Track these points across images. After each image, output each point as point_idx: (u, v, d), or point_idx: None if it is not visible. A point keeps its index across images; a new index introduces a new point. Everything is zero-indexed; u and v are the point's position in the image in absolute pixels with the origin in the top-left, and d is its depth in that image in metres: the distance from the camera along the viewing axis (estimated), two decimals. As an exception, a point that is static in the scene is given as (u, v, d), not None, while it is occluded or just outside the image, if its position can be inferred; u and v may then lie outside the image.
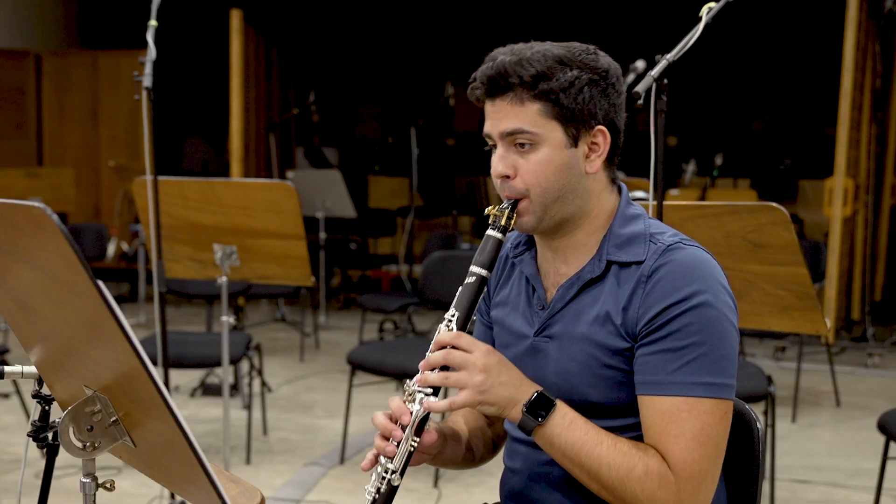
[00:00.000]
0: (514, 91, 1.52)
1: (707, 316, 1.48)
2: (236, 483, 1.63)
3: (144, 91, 3.06)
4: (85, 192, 8.43)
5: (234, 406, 4.82)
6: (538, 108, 1.52)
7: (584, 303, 1.58)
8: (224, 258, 3.55)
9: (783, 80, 9.23)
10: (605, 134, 1.57)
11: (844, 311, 6.52)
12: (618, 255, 1.57)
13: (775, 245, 2.51)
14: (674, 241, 1.55)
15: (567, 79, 1.51)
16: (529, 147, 1.54)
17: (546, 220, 1.57)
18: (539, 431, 1.51)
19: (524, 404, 1.50)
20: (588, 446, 1.49)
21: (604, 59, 1.57)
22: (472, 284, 1.57)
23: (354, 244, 8.71)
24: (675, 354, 1.48)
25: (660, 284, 1.50)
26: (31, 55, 8.65)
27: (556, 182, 1.55)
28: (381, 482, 1.53)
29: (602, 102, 1.55)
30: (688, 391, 1.47)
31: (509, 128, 1.54)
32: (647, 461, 1.47)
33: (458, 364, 1.50)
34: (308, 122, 8.73)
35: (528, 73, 1.50)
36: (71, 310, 1.25)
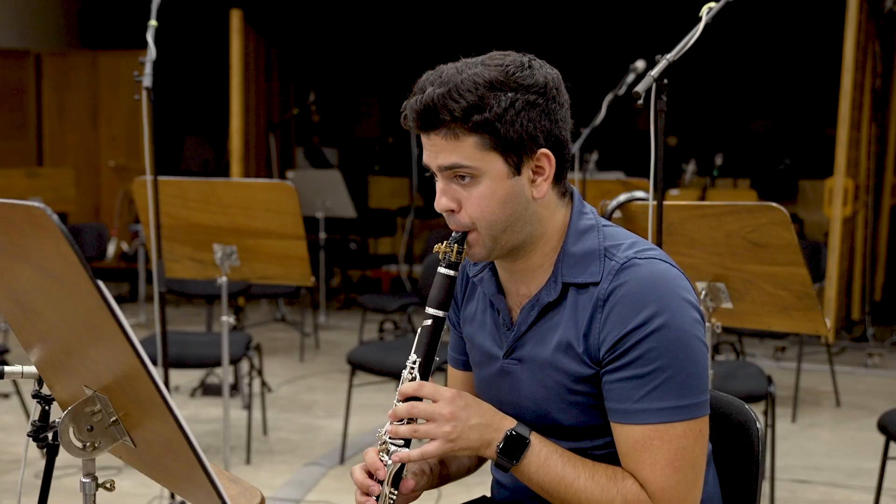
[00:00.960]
0: (446, 126, 1.44)
1: (668, 338, 1.43)
2: (236, 483, 1.62)
3: (144, 91, 3.06)
4: (85, 192, 8.42)
5: (234, 406, 4.82)
6: (474, 141, 1.44)
7: (546, 326, 1.55)
8: (224, 258, 3.55)
9: (783, 80, 9.23)
10: (549, 156, 1.49)
11: (844, 311, 6.52)
12: (573, 276, 1.52)
13: (775, 245, 2.51)
14: (628, 255, 1.48)
15: (502, 105, 1.42)
16: (471, 180, 1.47)
17: (497, 249, 1.53)
18: (516, 470, 1.50)
19: (497, 445, 1.49)
20: (566, 481, 1.48)
21: (539, 73, 1.47)
22: (429, 327, 1.54)
23: (354, 244, 8.71)
24: (639, 381, 1.44)
25: (616, 309, 1.45)
26: (31, 55, 8.65)
27: (501, 213, 1.48)
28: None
29: (542, 122, 1.46)
30: (657, 417, 1.44)
31: (446, 163, 1.46)
32: (625, 492, 1.46)
33: (425, 416, 1.48)
34: (308, 122, 8.73)
35: (459, 105, 1.42)
36: (71, 310, 1.25)
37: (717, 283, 2.63)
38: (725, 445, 1.73)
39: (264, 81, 8.20)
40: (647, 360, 1.43)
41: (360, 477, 1.52)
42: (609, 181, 5.59)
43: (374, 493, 1.50)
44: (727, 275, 2.61)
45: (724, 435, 1.74)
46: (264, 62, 8.17)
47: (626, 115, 5.00)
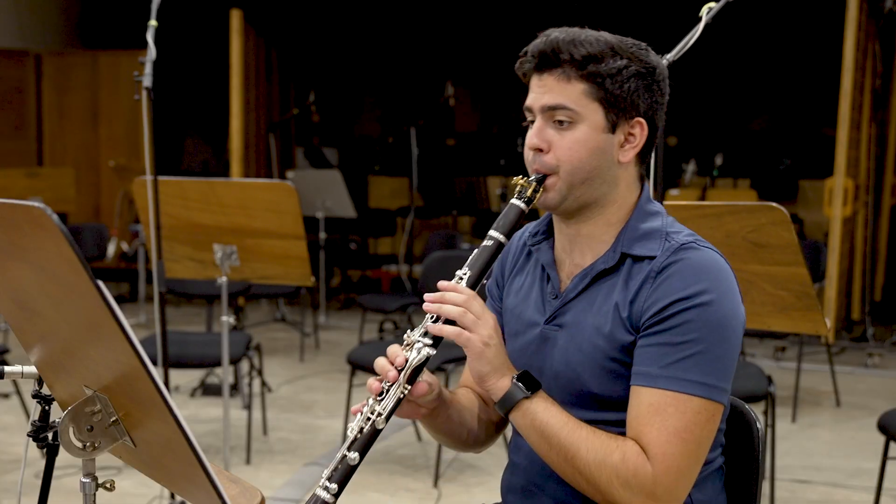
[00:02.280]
0: (562, 67, 1.54)
1: (710, 316, 1.48)
2: (236, 483, 1.62)
3: (144, 91, 3.06)
4: (85, 192, 8.43)
5: (234, 406, 4.82)
6: (583, 88, 1.54)
7: (596, 294, 1.59)
8: (224, 258, 3.56)
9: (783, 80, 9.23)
10: (644, 127, 1.58)
11: (844, 311, 6.52)
12: (632, 248, 1.57)
13: (775, 245, 2.51)
14: (689, 240, 1.56)
15: (616, 66, 1.53)
16: (568, 125, 1.55)
17: (570, 199, 1.58)
18: (522, 405, 1.52)
19: (514, 377, 1.53)
20: (568, 428, 1.50)
21: (654, 57, 1.59)
22: (489, 248, 1.58)
23: (354, 244, 8.71)
24: (672, 348, 1.48)
25: (669, 280, 1.51)
26: (31, 55, 8.65)
27: (587, 163, 1.56)
28: (365, 422, 1.52)
29: (645, 96, 1.57)
30: (678, 386, 1.47)
31: (552, 102, 1.55)
32: (624, 450, 1.47)
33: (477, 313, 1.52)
34: (308, 122, 8.73)
35: (579, 52, 1.53)
36: (71, 310, 1.25)
37: (717, 283, 2.62)
38: (726, 445, 1.73)
39: (264, 81, 8.20)
40: (684, 330, 1.48)
41: (382, 362, 1.55)
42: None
43: (389, 380, 1.52)
44: (727, 275, 2.60)
45: (725, 435, 1.74)
46: (264, 62, 8.17)
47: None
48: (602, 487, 1.48)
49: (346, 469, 1.50)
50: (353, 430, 1.52)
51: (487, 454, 4.12)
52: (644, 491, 1.46)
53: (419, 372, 1.54)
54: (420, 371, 1.54)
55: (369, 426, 1.51)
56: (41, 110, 8.78)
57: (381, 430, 1.52)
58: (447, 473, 3.95)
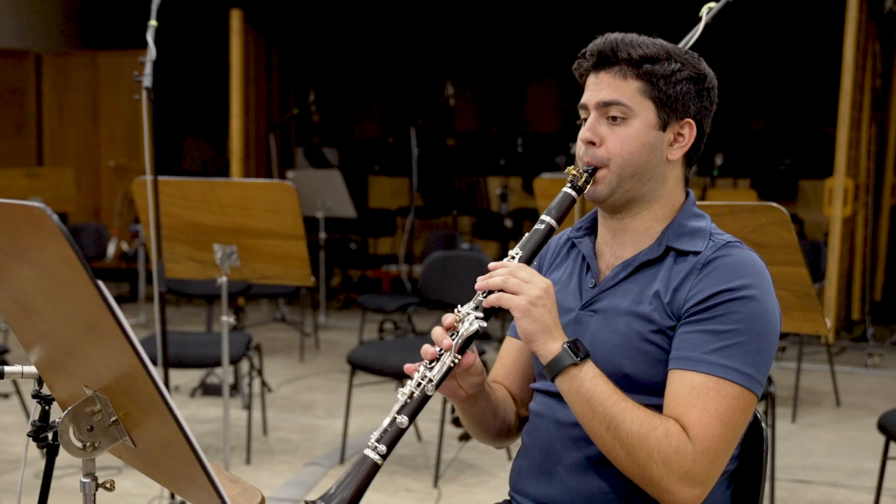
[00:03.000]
0: (619, 66, 1.61)
1: (754, 309, 1.53)
2: (236, 483, 1.62)
3: (144, 91, 3.06)
4: (85, 192, 8.43)
5: (234, 406, 4.82)
6: (638, 86, 1.61)
7: (636, 282, 1.64)
8: (224, 258, 3.56)
9: (783, 80, 9.23)
10: (693, 128, 1.65)
11: (844, 311, 6.52)
12: (677, 242, 1.63)
13: (775, 245, 2.51)
14: (734, 240, 1.63)
15: (670, 68, 1.61)
16: (621, 121, 1.61)
17: (619, 192, 1.63)
18: (570, 371, 1.54)
19: (566, 341, 1.55)
20: (614, 399, 1.52)
21: (706, 66, 1.66)
22: (541, 231, 1.64)
23: (354, 244, 8.71)
24: (715, 336, 1.52)
25: (715, 272, 1.56)
26: (31, 55, 8.65)
27: (637, 157, 1.62)
28: (416, 388, 1.57)
29: (696, 100, 1.64)
30: (721, 372, 1.51)
31: (607, 98, 1.61)
32: (668, 426, 1.50)
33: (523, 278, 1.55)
34: (308, 122, 8.72)
35: (637, 52, 1.60)
36: (71, 310, 1.25)
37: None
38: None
39: (264, 81, 8.20)
40: (729, 319, 1.53)
41: (438, 330, 1.60)
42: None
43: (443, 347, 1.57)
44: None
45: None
46: (264, 62, 8.17)
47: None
48: (641, 461, 1.49)
49: (396, 432, 1.55)
50: (405, 395, 1.56)
51: (487, 454, 4.13)
52: (682, 468, 1.48)
53: (469, 343, 1.58)
54: (470, 343, 1.58)
55: (419, 391, 1.56)
56: (41, 110, 8.78)
57: (430, 395, 1.57)
58: (447, 473, 3.95)
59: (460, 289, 4.31)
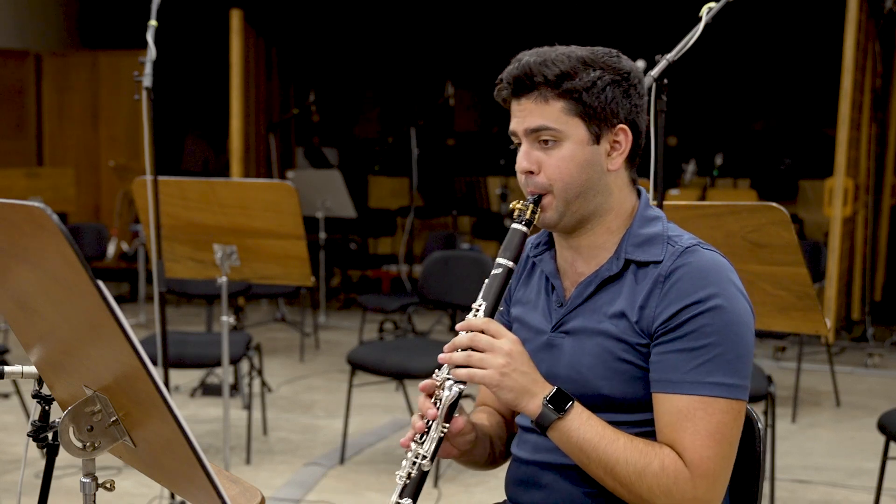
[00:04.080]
0: (538, 90, 1.57)
1: (723, 318, 1.51)
2: (236, 483, 1.62)
3: (144, 91, 3.06)
4: (85, 192, 8.42)
5: (234, 406, 4.82)
6: (562, 106, 1.57)
7: (602, 300, 1.61)
8: (224, 258, 3.55)
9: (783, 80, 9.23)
10: (627, 132, 1.61)
11: (844, 311, 6.52)
12: (636, 254, 1.60)
13: (775, 245, 2.51)
14: (692, 243, 1.59)
15: (590, 78, 1.56)
16: (553, 143, 1.58)
17: (568, 215, 1.61)
18: (557, 425, 1.53)
19: (545, 397, 1.54)
20: (605, 442, 1.52)
21: (626, 62, 1.61)
22: (499, 276, 1.61)
23: (354, 244, 8.71)
24: (691, 354, 1.51)
25: (677, 285, 1.54)
26: (31, 55, 8.65)
27: (578, 178, 1.59)
28: (412, 467, 1.56)
29: (624, 102, 1.60)
30: (704, 390, 1.50)
31: (534, 125, 1.58)
32: (662, 458, 1.50)
33: (484, 346, 1.53)
34: (308, 122, 8.73)
35: (552, 72, 1.55)
36: (71, 310, 1.25)
37: (717, 283, 2.62)
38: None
39: (264, 81, 8.20)
40: (701, 334, 1.51)
41: (422, 399, 1.59)
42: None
43: (429, 417, 1.56)
44: (727, 275, 2.60)
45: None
46: (264, 62, 8.17)
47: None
48: (644, 497, 1.50)
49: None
50: (402, 478, 1.56)
51: (487, 454, 4.12)
52: (685, 497, 1.49)
53: (454, 408, 1.57)
54: (455, 407, 1.57)
55: (416, 470, 1.56)
56: (41, 110, 8.78)
57: (427, 471, 1.56)
58: (447, 473, 3.95)
59: (460, 289, 4.31)
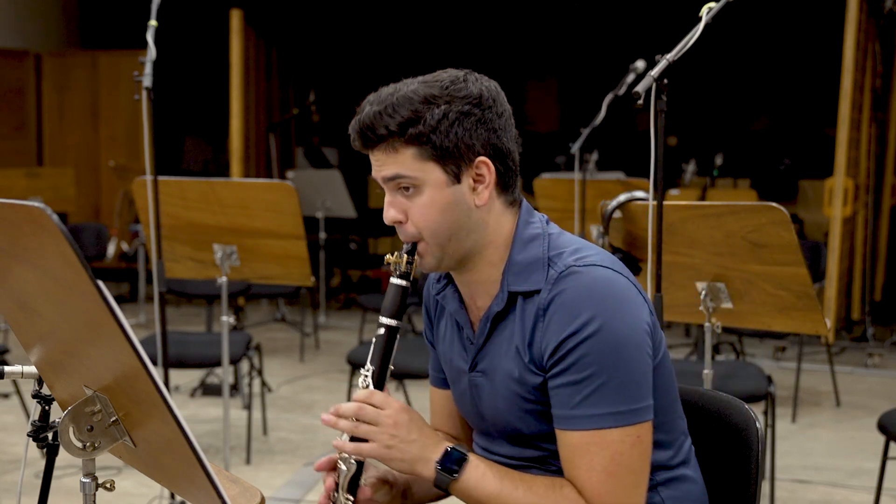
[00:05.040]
0: (385, 141, 1.50)
1: (600, 344, 1.45)
2: (236, 483, 1.62)
3: (144, 91, 3.06)
4: (85, 192, 8.42)
5: (234, 406, 4.82)
6: (412, 153, 1.50)
7: (500, 338, 1.58)
8: (224, 258, 3.55)
9: (783, 80, 9.23)
10: (489, 164, 1.52)
11: (844, 311, 6.52)
12: (518, 284, 1.54)
13: (775, 245, 2.51)
14: (570, 262, 1.51)
15: (436, 117, 1.48)
16: (413, 191, 1.52)
17: (446, 259, 1.56)
18: (454, 486, 1.52)
19: (436, 462, 1.51)
20: (504, 494, 1.50)
21: (474, 86, 1.52)
22: (383, 338, 1.57)
23: (354, 244, 8.71)
24: (575, 388, 1.47)
25: (556, 316, 1.48)
26: (31, 55, 8.65)
27: (444, 222, 1.52)
28: None
29: (478, 132, 1.51)
30: (593, 423, 1.46)
31: (389, 174, 1.52)
32: (561, 499, 1.48)
33: (370, 420, 1.51)
34: (308, 122, 8.72)
35: (394, 121, 1.48)
36: (71, 310, 1.25)
37: (717, 283, 2.63)
38: (725, 445, 1.73)
39: (264, 81, 8.20)
40: (581, 366, 1.46)
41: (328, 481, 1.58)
42: (609, 181, 5.59)
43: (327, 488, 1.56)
44: (727, 275, 2.61)
45: (724, 435, 1.74)
46: (264, 62, 8.17)
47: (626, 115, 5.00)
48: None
49: None
50: None
51: (487, 454, 4.12)
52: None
53: (357, 479, 1.55)
54: (358, 478, 1.56)
55: None
56: (41, 110, 8.78)
57: None
58: (447, 473, 3.95)
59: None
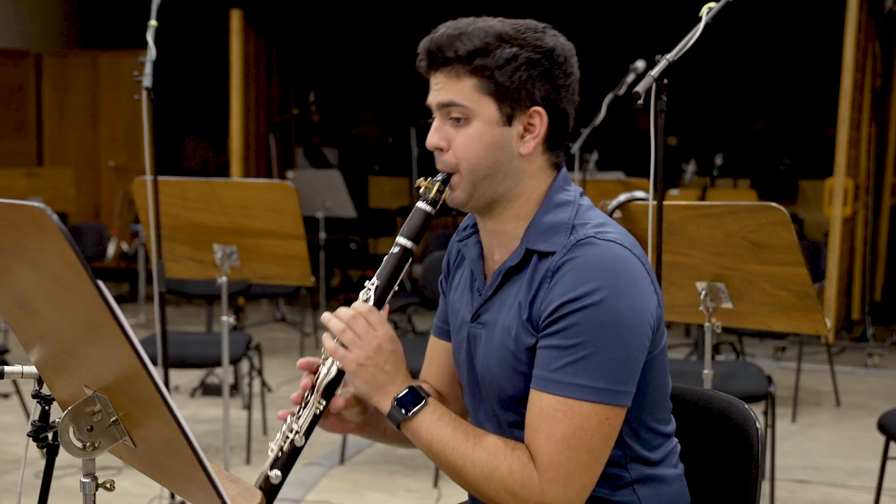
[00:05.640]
0: (450, 65, 1.51)
1: (600, 317, 1.43)
2: (236, 483, 1.62)
3: (144, 91, 3.06)
4: (85, 192, 8.42)
5: (234, 406, 4.82)
6: (473, 83, 1.50)
7: (507, 293, 1.56)
8: (224, 258, 3.55)
9: (783, 80, 9.23)
10: (542, 115, 1.53)
11: (844, 311, 6.52)
12: (537, 243, 1.53)
13: (775, 245, 2.51)
14: (591, 233, 1.49)
15: (504, 56, 1.49)
16: (463, 121, 1.52)
17: (476, 197, 1.55)
18: (406, 425, 1.52)
19: (395, 396, 1.52)
20: (453, 444, 1.49)
21: (551, 39, 1.53)
22: (396, 255, 1.58)
23: (354, 244, 8.71)
24: (561, 352, 1.45)
25: (562, 280, 1.46)
26: (31, 55, 8.64)
27: (485, 159, 1.52)
28: (284, 441, 1.55)
29: (541, 83, 1.51)
30: (566, 391, 1.44)
31: (444, 100, 1.53)
32: (511, 461, 1.46)
33: (357, 332, 1.52)
34: (308, 122, 8.72)
35: (464, 47, 1.49)
36: (71, 310, 1.25)
37: (717, 283, 2.63)
38: (725, 445, 1.73)
39: (264, 81, 8.19)
40: (572, 332, 1.44)
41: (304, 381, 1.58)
42: (609, 181, 5.59)
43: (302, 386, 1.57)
44: (727, 275, 2.61)
45: (724, 435, 1.74)
46: (264, 62, 8.17)
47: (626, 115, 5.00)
48: (493, 498, 1.48)
49: (270, 488, 1.54)
50: (273, 451, 1.55)
51: (487, 454, 4.12)
52: (532, 500, 1.44)
53: (335, 386, 1.55)
54: (336, 385, 1.55)
55: (288, 444, 1.54)
56: (41, 110, 8.78)
57: (301, 447, 1.54)
58: (447, 473, 3.95)
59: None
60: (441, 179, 1.56)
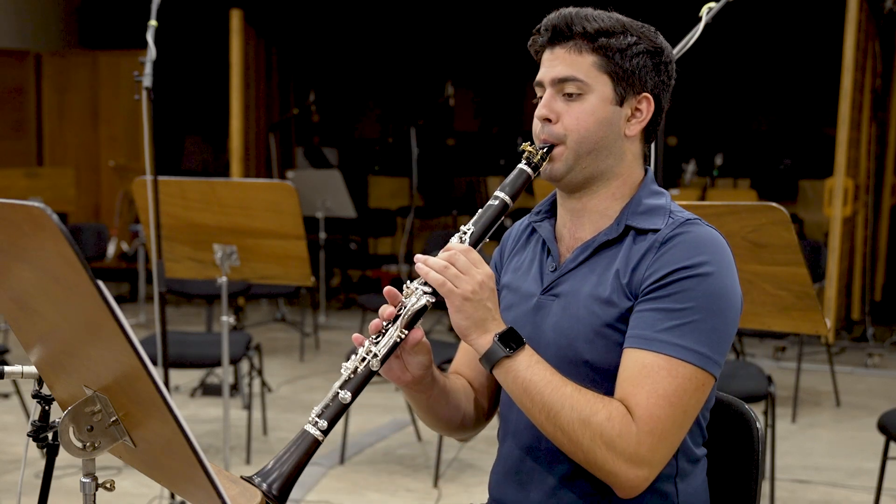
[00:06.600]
0: (574, 40, 1.59)
1: (710, 287, 1.50)
2: (236, 483, 1.62)
3: (144, 91, 3.06)
4: (85, 192, 8.42)
5: (234, 406, 4.81)
6: (594, 60, 1.58)
7: (597, 263, 1.61)
8: (224, 258, 3.55)
9: (783, 80, 9.23)
10: (651, 102, 1.61)
11: (844, 311, 6.52)
12: (637, 221, 1.60)
13: (775, 245, 2.52)
14: (693, 217, 1.60)
15: (626, 41, 1.58)
16: (577, 97, 1.58)
17: (576, 170, 1.61)
18: (504, 363, 1.52)
19: (497, 333, 1.52)
20: (552, 386, 1.49)
21: (662, 40, 1.64)
22: (495, 207, 1.60)
23: (354, 244, 8.71)
24: (669, 314, 1.50)
25: (673, 250, 1.53)
26: (31, 55, 8.64)
27: (594, 133, 1.59)
28: (360, 362, 1.54)
29: (653, 74, 1.61)
30: (672, 351, 1.48)
31: (562, 74, 1.59)
32: (610, 409, 1.47)
33: (461, 267, 1.52)
34: (308, 122, 8.73)
35: (592, 26, 1.58)
36: (71, 310, 1.25)
37: (717, 283, 2.62)
38: (725, 445, 1.73)
39: (264, 81, 8.20)
40: (682, 297, 1.50)
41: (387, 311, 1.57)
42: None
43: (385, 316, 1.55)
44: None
45: (724, 435, 1.74)
46: (264, 62, 8.17)
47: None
48: (584, 446, 1.47)
49: (338, 407, 1.54)
50: (348, 370, 1.54)
51: (487, 454, 4.12)
52: (627, 451, 1.45)
53: (417, 319, 1.55)
54: (418, 318, 1.55)
55: (364, 366, 1.53)
56: (41, 110, 8.78)
57: (375, 371, 1.53)
58: (447, 473, 3.95)
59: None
60: (546, 147, 1.61)
